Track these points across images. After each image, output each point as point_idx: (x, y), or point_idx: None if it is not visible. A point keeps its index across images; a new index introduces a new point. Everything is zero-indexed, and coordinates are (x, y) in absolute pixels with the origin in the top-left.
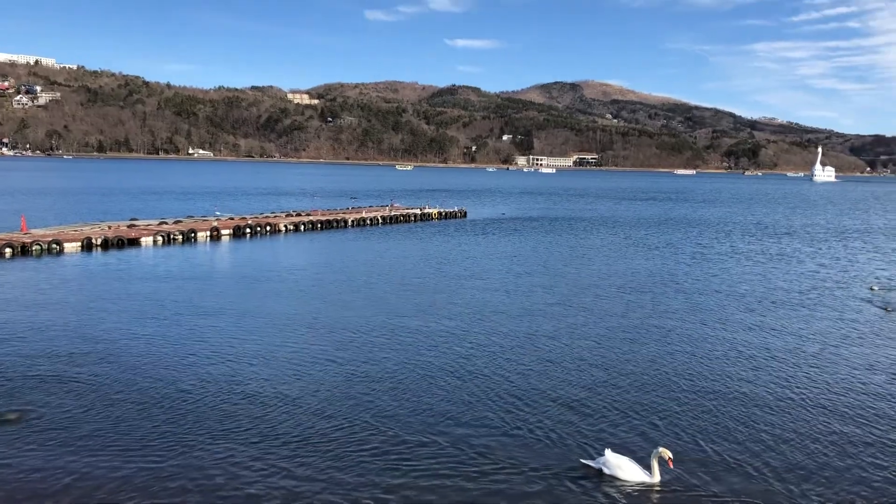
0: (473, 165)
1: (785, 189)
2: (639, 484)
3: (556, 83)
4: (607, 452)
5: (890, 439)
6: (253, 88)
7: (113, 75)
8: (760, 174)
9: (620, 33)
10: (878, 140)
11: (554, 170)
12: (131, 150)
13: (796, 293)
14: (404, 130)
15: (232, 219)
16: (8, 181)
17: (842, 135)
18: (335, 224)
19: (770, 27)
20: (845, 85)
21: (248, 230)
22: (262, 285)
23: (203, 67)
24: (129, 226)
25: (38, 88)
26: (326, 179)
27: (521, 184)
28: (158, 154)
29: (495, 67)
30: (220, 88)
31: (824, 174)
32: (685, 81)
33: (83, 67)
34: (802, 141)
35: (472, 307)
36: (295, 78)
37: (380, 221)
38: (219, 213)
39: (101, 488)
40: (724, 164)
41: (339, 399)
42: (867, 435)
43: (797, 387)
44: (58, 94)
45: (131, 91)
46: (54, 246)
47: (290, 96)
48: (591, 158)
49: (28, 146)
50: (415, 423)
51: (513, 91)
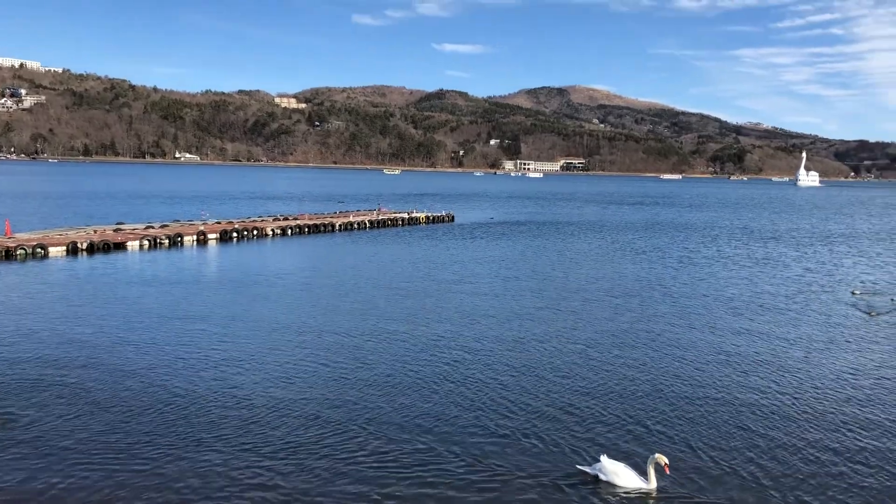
0: (461, 170)
1: (770, 194)
2: (635, 490)
3: (544, 88)
4: (603, 458)
5: (878, 444)
6: (240, 92)
7: (99, 78)
8: (746, 179)
9: (607, 38)
10: (863, 145)
11: (541, 174)
12: (117, 154)
13: (782, 297)
14: (392, 135)
15: (219, 223)
16: None
17: (826, 140)
18: (322, 228)
19: (755, 33)
20: (829, 91)
21: (235, 234)
22: (250, 289)
23: (190, 71)
24: (116, 230)
25: (23, 91)
26: (314, 183)
27: (509, 188)
28: (145, 158)
29: (483, 72)
30: (207, 92)
31: (809, 179)
32: (671, 86)
33: (68, 70)
34: (787, 146)
35: (461, 311)
36: (282, 82)
37: (367, 226)
38: (206, 218)
39: (89, 496)
40: (710, 169)
41: (329, 405)
42: (856, 440)
43: (786, 392)
44: (43, 98)
45: (117, 94)
46: (39, 250)
47: (278, 100)
48: (579, 163)
49: (13, 150)
50: (407, 429)
51: (500, 96)
